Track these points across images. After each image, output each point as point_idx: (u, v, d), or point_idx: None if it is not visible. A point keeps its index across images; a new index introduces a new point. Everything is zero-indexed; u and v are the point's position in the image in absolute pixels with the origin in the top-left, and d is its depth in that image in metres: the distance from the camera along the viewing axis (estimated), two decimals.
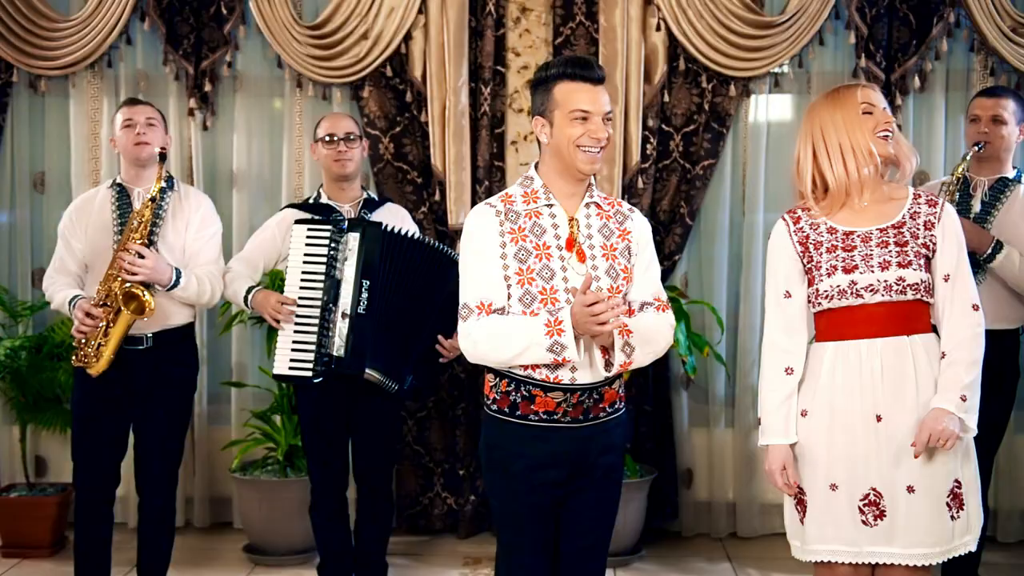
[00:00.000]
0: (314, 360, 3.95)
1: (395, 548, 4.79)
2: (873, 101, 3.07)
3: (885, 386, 2.98)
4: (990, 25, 4.97)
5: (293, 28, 5.18)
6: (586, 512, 3.05)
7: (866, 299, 3.00)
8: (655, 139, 5.19)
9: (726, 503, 5.36)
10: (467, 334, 2.94)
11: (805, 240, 3.09)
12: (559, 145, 2.96)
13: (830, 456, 3.02)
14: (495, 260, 2.94)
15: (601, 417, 3.01)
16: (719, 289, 5.29)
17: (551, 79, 2.96)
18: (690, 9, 5.06)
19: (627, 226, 3.07)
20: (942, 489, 2.98)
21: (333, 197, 4.24)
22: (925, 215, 3.05)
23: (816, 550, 3.06)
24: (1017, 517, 5.21)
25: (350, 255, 3.99)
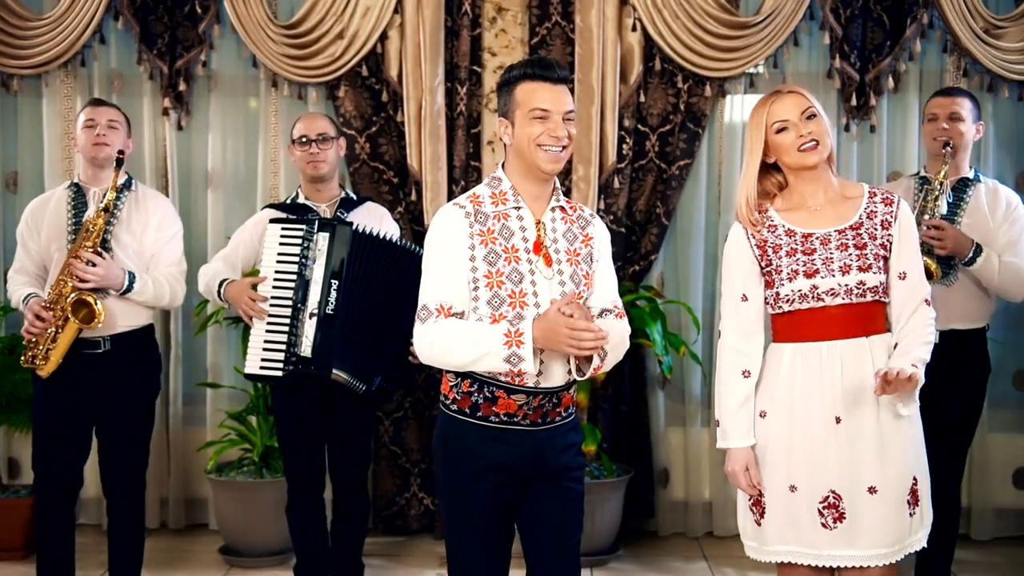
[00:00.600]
0: (283, 360, 3.94)
1: (371, 549, 4.78)
2: (783, 115, 3.03)
3: (845, 387, 2.98)
4: (963, 26, 5.00)
5: (268, 27, 5.16)
6: (548, 514, 3.02)
7: (827, 302, 3.00)
8: (631, 139, 5.20)
9: (702, 502, 5.37)
10: (423, 335, 2.92)
11: (763, 243, 3.08)
12: (520, 145, 2.94)
13: (790, 458, 3.02)
14: (461, 262, 2.92)
15: (557, 421, 3.00)
16: (695, 289, 5.30)
17: (513, 80, 2.96)
18: (666, 9, 5.07)
19: (589, 231, 3.06)
20: (903, 488, 2.99)
21: (310, 197, 4.23)
22: (882, 214, 3.05)
23: (776, 551, 3.06)
24: (991, 515, 5.25)
25: (320, 255, 3.98)
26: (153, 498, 5.34)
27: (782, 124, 3.04)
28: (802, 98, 3.06)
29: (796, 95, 3.06)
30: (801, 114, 3.03)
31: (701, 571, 4.92)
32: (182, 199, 5.39)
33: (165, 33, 5.25)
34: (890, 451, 2.98)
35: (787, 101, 3.05)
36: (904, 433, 3.00)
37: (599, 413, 5.22)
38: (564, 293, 2.93)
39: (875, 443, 2.97)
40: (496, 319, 2.90)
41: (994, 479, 5.27)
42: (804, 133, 3.02)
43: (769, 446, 3.06)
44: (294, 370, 3.94)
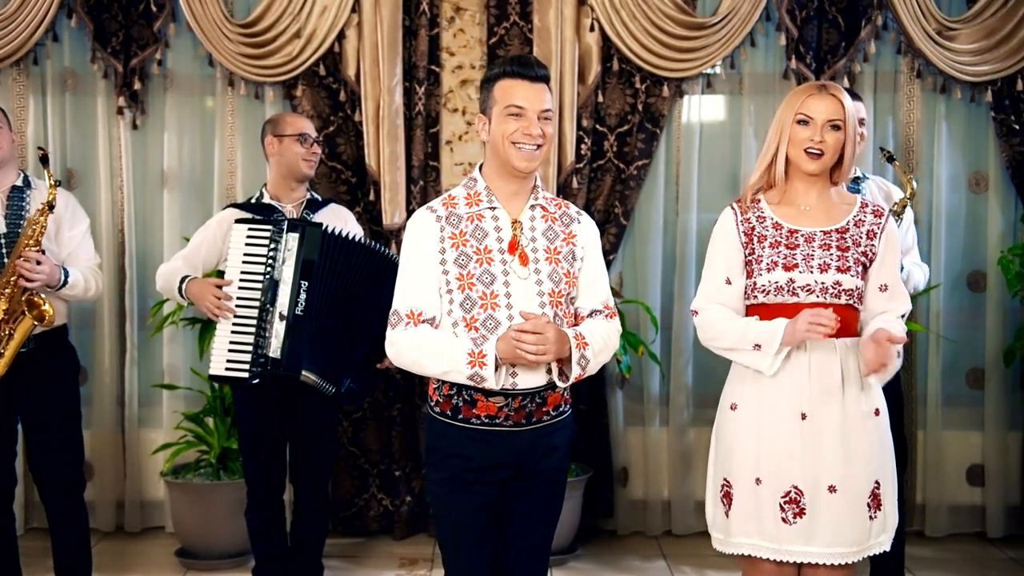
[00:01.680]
0: (250, 361, 3.91)
1: (330, 550, 4.76)
2: (811, 112, 3.05)
3: (812, 385, 3.01)
4: (916, 28, 5.06)
5: (224, 26, 5.12)
6: (528, 514, 3.05)
7: (801, 298, 3.03)
8: (589, 139, 5.21)
9: (661, 501, 5.39)
10: (394, 342, 2.96)
11: (751, 231, 3.11)
12: (495, 142, 2.95)
13: (757, 450, 3.05)
14: (431, 268, 2.93)
15: (544, 420, 3.01)
16: (653, 288, 5.32)
17: (494, 77, 2.97)
18: (623, 10, 5.09)
19: (573, 229, 3.05)
20: (864, 490, 3.02)
21: (278, 197, 4.20)
22: (869, 224, 3.08)
23: (739, 543, 3.09)
24: (945, 512, 5.31)
25: (289, 256, 3.95)
26: (108, 501, 5.29)
27: (805, 118, 3.05)
28: (837, 106, 3.05)
29: (834, 101, 3.06)
30: (827, 120, 3.04)
31: (660, 570, 4.94)
32: (137, 199, 5.34)
33: (119, 31, 5.19)
34: (853, 452, 3.00)
35: (823, 101, 3.06)
36: (870, 436, 3.04)
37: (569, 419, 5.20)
38: (541, 292, 2.94)
39: (838, 442, 3.00)
40: (468, 322, 2.91)
41: (948, 476, 5.33)
42: (817, 139, 3.03)
43: (738, 438, 3.09)
44: (262, 371, 3.91)
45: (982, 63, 5.10)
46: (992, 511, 5.28)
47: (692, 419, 5.34)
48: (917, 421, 5.31)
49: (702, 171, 5.32)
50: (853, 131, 3.07)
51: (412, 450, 5.24)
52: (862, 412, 3.03)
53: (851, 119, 3.06)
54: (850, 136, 3.06)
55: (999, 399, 5.26)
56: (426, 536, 5.28)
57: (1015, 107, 5.14)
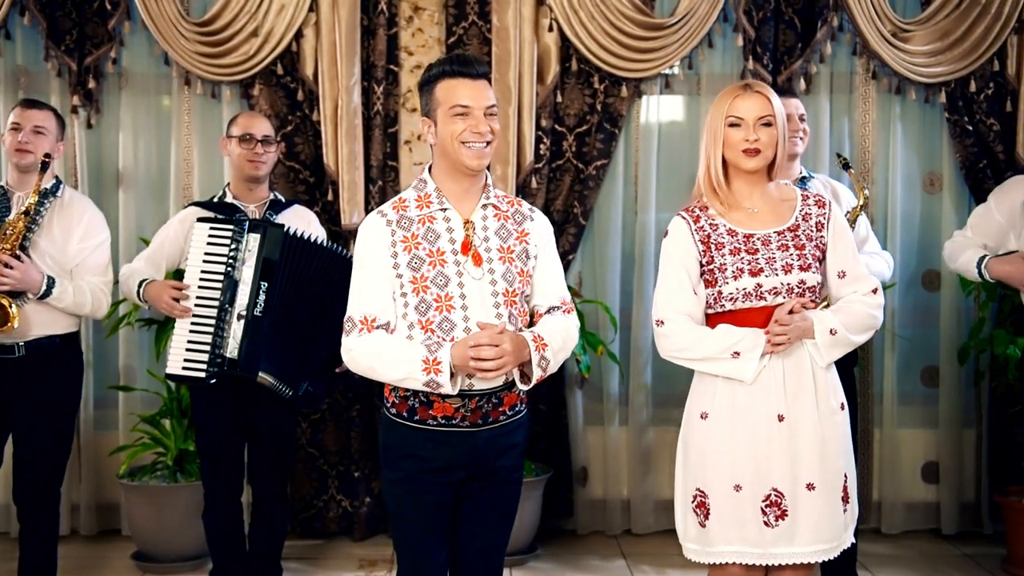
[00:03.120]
0: (208, 361, 3.88)
1: (289, 552, 4.73)
2: (741, 113, 3.06)
3: (787, 387, 3.03)
4: (871, 29, 5.10)
5: (180, 24, 5.08)
6: (484, 513, 3.05)
7: (768, 301, 3.04)
8: (548, 139, 5.21)
9: (620, 500, 5.41)
10: (348, 348, 2.95)
11: (707, 239, 3.10)
12: (444, 143, 2.94)
13: (734, 457, 3.04)
14: (384, 273, 2.92)
15: (501, 420, 3.00)
16: (612, 288, 5.33)
17: (433, 79, 2.96)
18: (582, 10, 5.10)
19: (526, 227, 3.04)
20: (838, 484, 3.05)
21: (239, 197, 4.18)
22: (816, 216, 3.10)
23: (720, 552, 3.06)
24: (900, 509, 5.36)
25: (249, 256, 3.93)
26: (64, 504, 5.17)
27: (736, 120, 3.07)
28: (765, 103, 3.07)
29: (760, 98, 3.08)
30: (757, 119, 3.05)
31: (619, 569, 4.95)
32: (92, 199, 5.23)
33: (73, 29, 5.13)
34: (827, 448, 3.03)
35: (750, 100, 3.07)
36: (838, 431, 3.07)
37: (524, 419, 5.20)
38: (495, 292, 2.94)
39: (814, 440, 3.02)
40: (424, 325, 2.90)
41: (903, 474, 5.38)
42: (751, 138, 3.05)
43: (711, 447, 3.07)
44: (219, 371, 3.89)
45: (936, 65, 5.15)
46: (946, 508, 5.34)
47: (651, 418, 5.35)
48: (873, 419, 5.35)
49: (661, 171, 5.34)
50: (782, 126, 3.08)
51: (371, 451, 5.22)
52: (831, 408, 3.06)
53: (780, 115, 3.07)
54: (781, 131, 3.07)
55: (953, 397, 5.32)
56: (386, 537, 5.26)
57: (968, 108, 5.19)
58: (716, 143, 3.10)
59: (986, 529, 5.30)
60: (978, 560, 5.02)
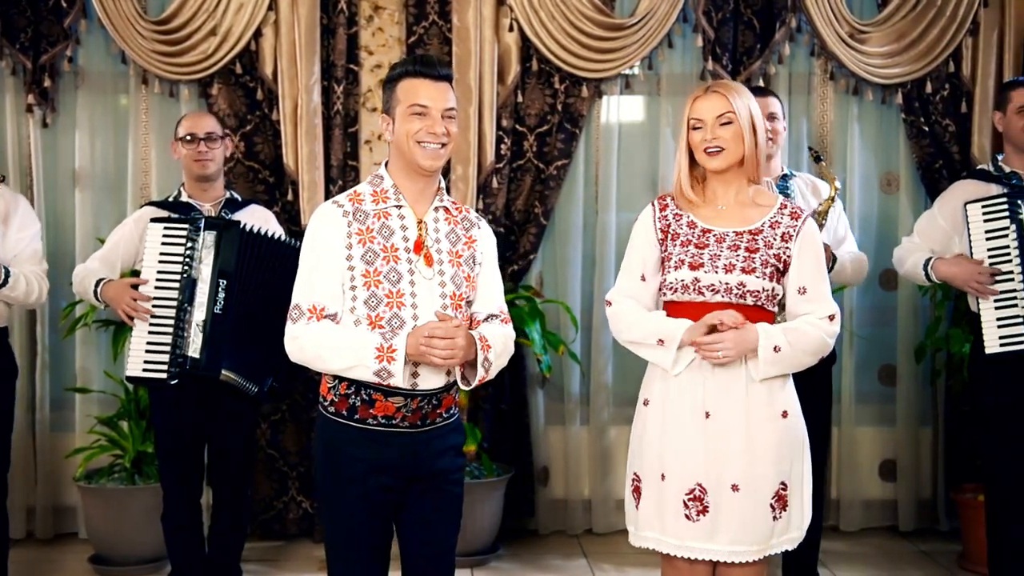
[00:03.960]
0: (169, 362, 3.86)
1: (249, 554, 4.70)
2: (700, 115, 3.08)
3: (716, 384, 3.04)
4: (829, 31, 5.14)
5: (137, 23, 5.03)
6: (427, 516, 3.03)
7: (707, 298, 3.05)
8: (509, 139, 5.21)
9: (582, 500, 5.42)
10: (294, 337, 2.91)
11: (666, 228, 3.13)
12: (400, 141, 2.94)
13: (662, 446, 3.07)
14: (337, 262, 2.90)
15: (437, 423, 3.00)
16: (573, 288, 5.34)
17: (396, 77, 2.96)
18: (542, 10, 5.10)
19: (473, 234, 3.06)
20: (767, 490, 3.03)
21: (194, 196, 4.16)
22: (785, 226, 3.09)
23: (646, 537, 3.12)
24: (858, 506, 5.41)
25: (207, 254, 3.90)
26: (19, 507, 5.16)
27: (697, 123, 3.09)
28: (723, 101, 3.07)
29: (719, 97, 3.08)
30: (716, 118, 3.06)
31: (580, 568, 4.96)
32: (48, 199, 5.23)
33: (28, 27, 5.07)
34: (758, 453, 3.02)
35: (708, 101, 3.09)
36: (776, 437, 3.04)
37: (479, 413, 5.22)
38: (444, 294, 2.94)
39: (742, 442, 3.02)
40: (373, 320, 2.88)
41: (861, 471, 5.43)
42: (709, 138, 3.06)
43: (647, 434, 3.12)
44: (180, 371, 3.86)
45: (893, 66, 5.20)
46: (904, 505, 5.39)
47: (612, 418, 5.37)
48: (831, 417, 5.38)
49: (621, 171, 5.36)
50: (748, 123, 3.07)
51: None
52: (768, 414, 3.04)
53: (744, 113, 3.07)
54: (746, 128, 3.06)
55: (910, 395, 5.37)
56: None
57: (924, 109, 5.25)
58: (681, 147, 3.14)
59: (942, 526, 5.36)
60: (934, 556, 5.08)
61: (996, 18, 5.21)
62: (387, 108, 2.98)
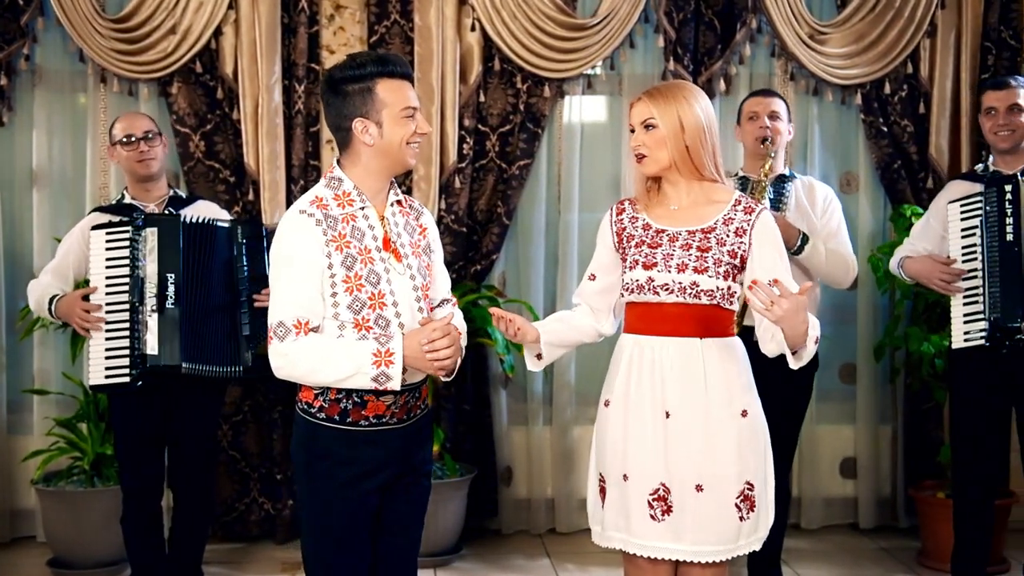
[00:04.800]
0: (130, 364, 3.85)
1: (210, 556, 4.67)
2: (631, 120, 3.11)
3: (674, 384, 3.04)
4: (789, 31, 5.18)
5: (96, 21, 4.98)
6: (402, 510, 3.04)
7: (662, 297, 3.05)
8: (471, 139, 5.21)
9: (545, 500, 5.42)
10: (283, 354, 2.85)
11: (622, 231, 3.15)
12: (390, 145, 2.90)
13: (624, 447, 3.07)
14: (316, 273, 2.86)
15: (418, 414, 3.02)
16: (536, 288, 5.34)
17: (367, 77, 2.88)
18: (504, 10, 5.10)
19: (423, 222, 3.10)
20: (731, 490, 3.03)
21: (138, 197, 4.14)
22: (738, 222, 3.08)
23: (611, 537, 3.12)
24: (819, 504, 5.44)
25: (151, 252, 3.91)
26: None
27: (631, 127, 3.12)
28: (646, 107, 3.07)
29: (642, 103, 3.09)
30: (641, 123, 3.08)
31: (544, 568, 4.97)
32: (5, 199, 5.18)
33: None
34: (719, 452, 3.02)
35: (636, 107, 3.10)
36: (737, 436, 3.04)
37: (442, 413, 5.21)
38: (415, 287, 2.95)
39: (703, 442, 3.02)
40: (359, 323, 2.87)
41: (822, 469, 5.46)
42: (633, 144, 3.09)
43: (609, 434, 3.12)
44: (142, 371, 3.85)
45: (852, 67, 5.25)
46: (864, 503, 5.43)
47: (575, 417, 5.37)
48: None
49: (583, 171, 5.37)
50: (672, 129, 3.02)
51: None
52: (728, 413, 3.04)
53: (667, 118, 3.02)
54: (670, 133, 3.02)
55: (870, 393, 5.42)
56: None
57: (883, 110, 5.30)
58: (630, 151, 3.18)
59: (902, 523, 5.41)
60: (894, 553, 5.12)
61: (953, 20, 5.27)
62: (364, 112, 2.88)
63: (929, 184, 5.27)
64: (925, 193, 5.27)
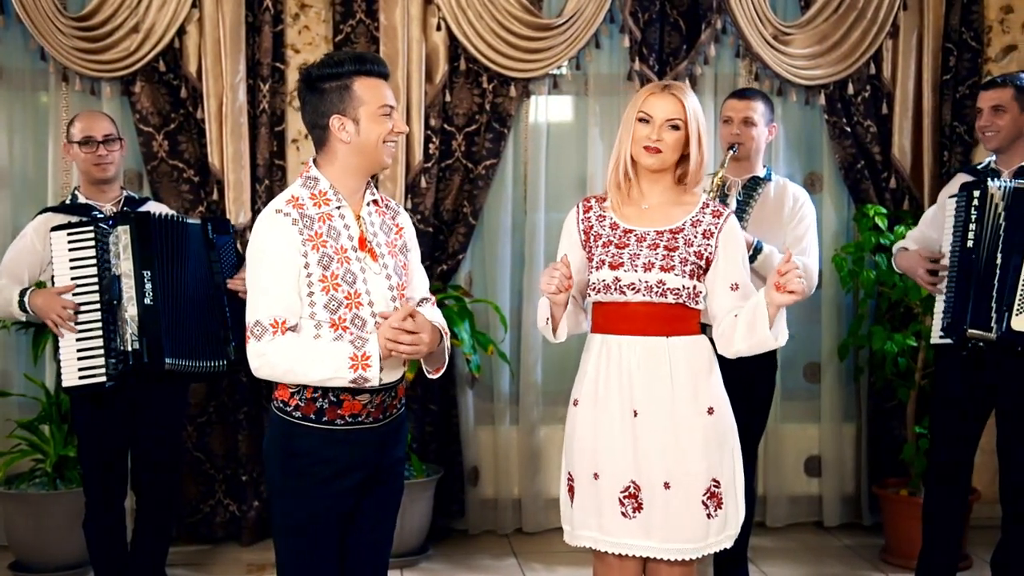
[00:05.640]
0: (106, 363, 3.82)
1: (175, 559, 4.65)
2: (651, 111, 3.08)
3: (641, 383, 3.06)
4: (753, 32, 5.20)
5: (57, 19, 4.93)
6: (375, 509, 3.05)
7: (629, 297, 3.07)
8: (437, 139, 5.20)
9: (512, 500, 5.42)
10: (261, 354, 2.86)
11: (589, 229, 3.16)
12: (367, 143, 2.91)
13: (594, 445, 3.09)
14: (293, 272, 2.86)
15: (394, 413, 3.02)
16: (502, 288, 5.34)
17: (345, 75, 2.89)
18: (470, 10, 5.10)
19: (399, 221, 3.10)
20: (698, 487, 3.05)
21: (92, 198, 4.11)
22: (707, 224, 3.11)
23: (581, 536, 3.14)
24: (784, 502, 5.47)
25: (124, 249, 3.88)
26: None
27: (646, 116, 3.09)
28: (677, 106, 3.07)
29: (674, 100, 3.08)
30: (665, 120, 3.07)
31: (511, 568, 4.97)
32: None
33: None
34: (685, 450, 3.05)
35: (663, 100, 3.09)
36: (705, 433, 3.07)
37: (408, 413, 5.19)
38: (391, 287, 2.95)
39: (670, 440, 3.04)
40: (335, 323, 2.87)
41: (787, 468, 5.49)
42: (655, 137, 3.07)
43: (577, 433, 3.14)
44: (123, 369, 3.84)
45: (815, 67, 5.28)
46: (828, 501, 5.47)
47: (542, 417, 5.38)
48: None
49: (549, 171, 5.37)
50: (696, 134, 3.09)
51: (259, 454, 5.14)
52: (694, 410, 3.07)
53: (694, 122, 3.09)
54: (693, 138, 3.09)
55: (834, 392, 5.45)
56: None
57: (846, 110, 5.33)
58: (626, 137, 3.13)
59: (866, 520, 5.45)
60: (858, 551, 5.16)
61: (915, 21, 5.31)
62: (340, 109, 2.89)
63: (892, 184, 5.32)
64: (888, 193, 5.31)
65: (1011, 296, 3.84)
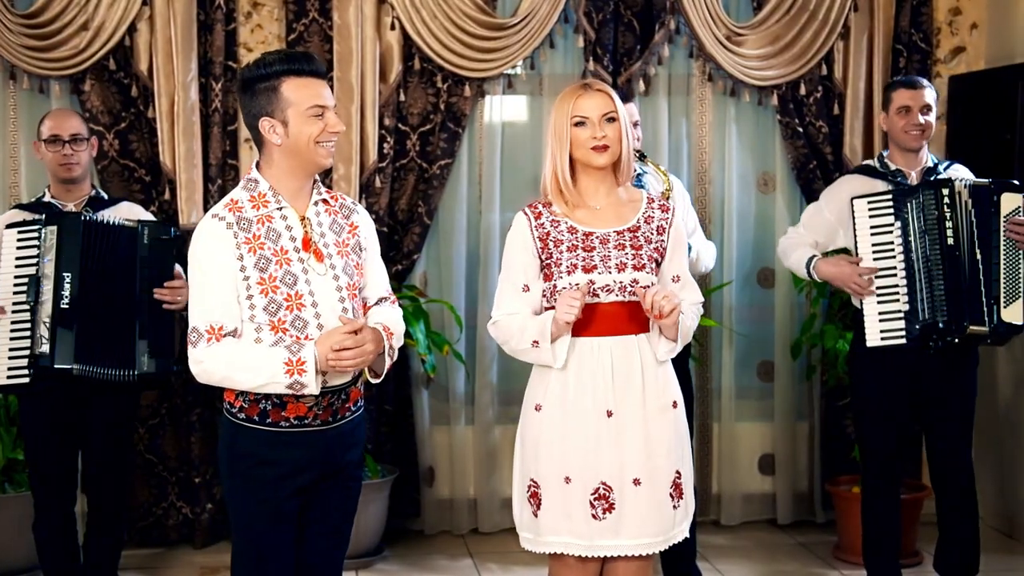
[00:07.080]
0: (27, 365, 3.80)
1: (127, 562, 4.61)
2: (586, 112, 3.10)
3: (615, 382, 3.07)
4: (707, 33, 5.23)
5: (4, 16, 4.86)
6: (331, 512, 3.03)
7: (601, 298, 3.09)
8: (392, 138, 5.19)
9: (467, 500, 5.42)
10: (198, 361, 2.86)
11: (545, 236, 3.14)
12: (297, 145, 2.88)
13: (564, 449, 3.08)
14: (229, 277, 2.85)
15: (347, 416, 3.00)
16: (457, 288, 5.34)
17: (273, 76, 2.87)
18: (424, 9, 5.09)
19: (354, 220, 3.06)
20: (666, 481, 3.10)
21: (59, 197, 4.08)
22: (658, 220, 3.17)
23: (549, 542, 3.12)
24: (738, 500, 5.51)
25: (49, 251, 3.86)
26: None
27: (582, 119, 3.10)
28: (607, 100, 3.12)
29: (602, 95, 3.13)
30: (602, 115, 3.10)
31: (466, 568, 4.96)
32: None
33: None
34: (655, 444, 3.08)
35: (593, 99, 3.12)
36: (669, 428, 3.12)
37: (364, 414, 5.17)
38: (339, 287, 2.92)
39: (641, 436, 3.07)
40: (275, 325, 2.85)
41: (741, 466, 5.53)
42: (598, 135, 3.09)
43: (543, 438, 3.12)
44: (36, 372, 3.80)
45: (768, 68, 5.31)
46: (782, 498, 5.51)
47: (497, 417, 5.38)
48: (711, 413, 5.49)
49: (504, 171, 5.37)
50: (626, 124, 3.14)
51: (212, 456, 5.10)
52: (661, 405, 3.11)
53: (622, 112, 3.14)
54: (624, 129, 3.14)
55: (787, 390, 5.49)
56: (228, 544, 5.13)
57: (799, 111, 5.37)
58: (562, 144, 3.14)
59: (819, 518, 5.49)
60: (811, 548, 5.21)
61: (866, 22, 5.36)
62: (269, 111, 2.87)
63: None
64: None
65: (996, 289, 3.97)
